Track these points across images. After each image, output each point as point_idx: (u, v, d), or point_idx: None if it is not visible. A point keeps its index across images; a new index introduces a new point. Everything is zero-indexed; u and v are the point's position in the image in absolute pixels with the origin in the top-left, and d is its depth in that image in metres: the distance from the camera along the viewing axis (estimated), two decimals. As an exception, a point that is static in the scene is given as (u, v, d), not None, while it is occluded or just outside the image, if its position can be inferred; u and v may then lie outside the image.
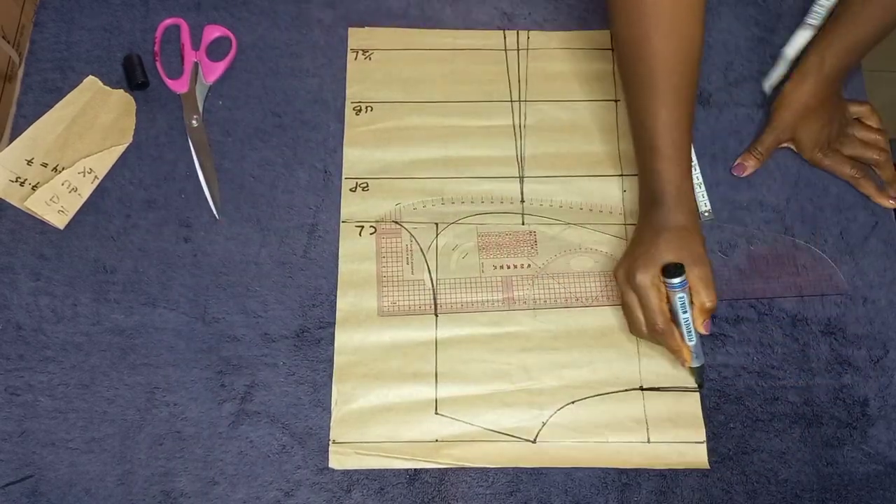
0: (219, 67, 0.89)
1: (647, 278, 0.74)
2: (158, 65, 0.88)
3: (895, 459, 0.78)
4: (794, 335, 0.81)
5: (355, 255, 0.83)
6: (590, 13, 0.93)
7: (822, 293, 0.83)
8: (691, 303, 0.74)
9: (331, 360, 0.79)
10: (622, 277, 0.76)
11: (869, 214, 0.86)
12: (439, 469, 0.75)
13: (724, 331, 0.81)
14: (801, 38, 0.88)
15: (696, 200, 0.77)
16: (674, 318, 0.74)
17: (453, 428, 0.77)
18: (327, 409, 0.77)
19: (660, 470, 0.76)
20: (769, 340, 0.81)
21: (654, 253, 0.74)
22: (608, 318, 0.81)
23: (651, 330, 0.75)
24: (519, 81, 0.90)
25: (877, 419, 0.79)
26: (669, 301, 0.74)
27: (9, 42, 0.89)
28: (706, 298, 0.74)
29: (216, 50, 0.90)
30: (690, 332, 0.74)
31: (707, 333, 0.75)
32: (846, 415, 0.79)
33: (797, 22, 0.92)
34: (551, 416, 0.77)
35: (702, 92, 0.91)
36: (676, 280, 0.72)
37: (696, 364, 0.76)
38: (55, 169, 0.83)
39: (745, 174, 0.87)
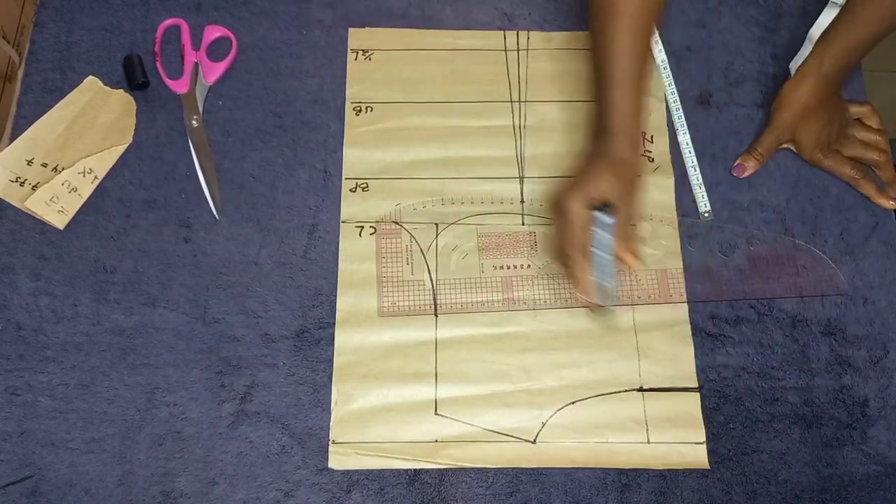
0: (219, 67, 0.89)
1: (573, 204, 0.74)
2: (158, 65, 0.88)
3: (895, 460, 0.78)
4: (794, 336, 0.81)
5: (355, 256, 0.83)
6: (590, 13, 0.94)
7: (823, 294, 0.83)
8: (615, 236, 0.75)
9: (331, 361, 0.79)
10: (553, 200, 0.77)
11: (869, 215, 0.86)
12: (439, 469, 0.75)
13: (724, 331, 0.81)
14: (826, 17, 0.87)
15: (641, 137, 0.79)
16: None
17: (453, 428, 0.77)
18: (327, 410, 0.77)
19: (660, 471, 0.76)
20: (769, 341, 0.81)
21: (587, 181, 0.75)
22: (608, 318, 0.81)
23: (562, 255, 0.77)
24: (519, 82, 0.90)
25: (877, 420, 0.79)
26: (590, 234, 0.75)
27: (9, 42, 0.89)
28: (631, 231, 0.76)
29: (216, 50, 0.90)
30: (602, 269, 0.75)
31: (637, 263, 0.76)
32: (846, 415, 0.79)
33: (797, 22, 0.93)
34: (551, 417, 0.77)
35: (701, 92, 0.91)
36: (601, 214, 0.73)
37: (603, 301, 0.77)
38: (55, 169, 0.83)
39: (744, 175, 0.87)
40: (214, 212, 0.83)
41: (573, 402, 0.78)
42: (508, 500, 0.75)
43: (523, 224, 0.84)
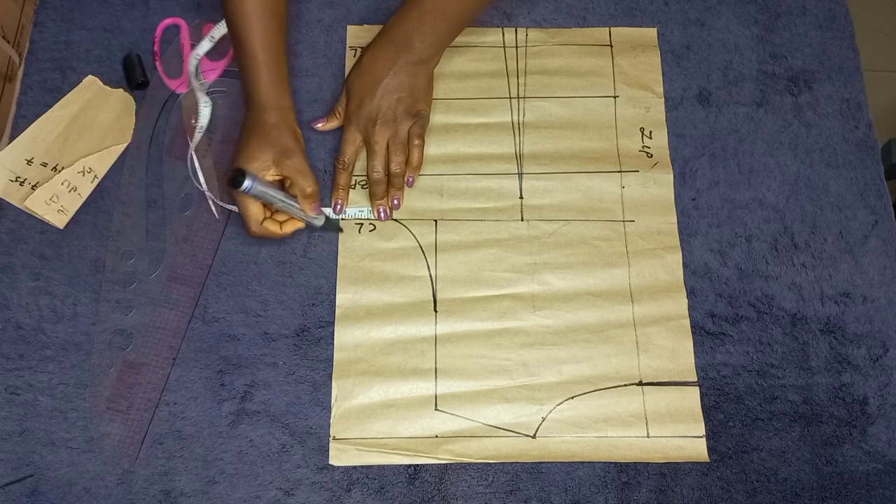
0: (219, 67, 0.89)
1: (235, 193, 0.77)
2: (158, 64, 0.88)
3: (894, 458, 0.78)
4: (793, 334, 0.81)
5: (355, 253, 0.83)
6: (589, 12, 0.93)
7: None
8: (291, 193, 0.79)
9: (330, 360, 0.79)
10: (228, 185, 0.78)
11: (868, 213, 0.86)
12: (439, 468, 0.76)
13: (724, 330, 0.81)
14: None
15: (289, 102, 0.82)
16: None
17: (453, 424, 0.77)
18: (327, 408, 0.77)
19: (659, 468, 0.76)
20: (769, 339, 0.81)
21: (244, 157, 0.78)
22: (607, 313, 0.81)
23: (251, 234, 0.79)
24: (518, 78, 0.90)
25: (876, 418, 0.79)
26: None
27: (9, 42, 0.89)
28: (305, 185, 0.78)
29: (216, 49, 0.90)
30: (295, 212, 0.79)
31: (317, 216, 0.80)
32: (846, 413, 0.79)
33: (796, 21, 0.93)
34: (551, 412, 0.78)
35: (701, 91, 0.91)
36: (241, 188, 0.74)
37: (319, 224, 0.81)
38: (55, 168, 0.83)
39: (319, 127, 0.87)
40: (214, 211, 0.83)
41: (573, 397, 0.78)
42: (508, 498, 0.75)
43: (522, 220, 0.84)
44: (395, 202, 0.84)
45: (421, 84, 0.84)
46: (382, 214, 0.84)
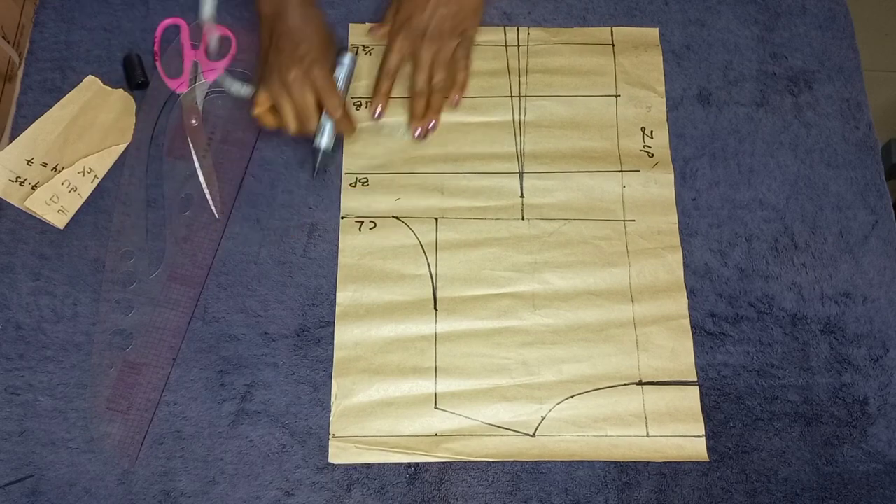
0: (219, 67, 0.89)
1: (299, 73, 0.80)
2: (158, 64, 0.88)
3: (895, 458, 0.77)
4: (793, 334, 0.81)
5: (355, 250, 0.83)
6: (589, 13, 0.93)
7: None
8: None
9: (330, 360, 0.79)
10: (275, 83, 0.80)
11: (869, 213, 0.86)
12: (439, 468, 0.75)
13: (724, 329, 0.81)
14: None
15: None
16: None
17: (453, 422, 0.77)
18: (327, 408, 0.77)
19: (659, 468, 0.76)
20: (769, 339, 0.81)
21: (264, 73, 0.81)
22: (607, 312, 0.81)
23: (304, 120, 0.81)
24: (519, 77, 0.90)
25: (876, 418, 0.79)
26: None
27: (9, 42, 0.89)
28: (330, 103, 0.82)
29: (216, 50, 0.90)
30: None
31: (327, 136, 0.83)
32: (846, 413, 0.79)
33: (796, 20, 0.93)
34: (550, 411, 0.77)
35: (701, 91, 0.91)
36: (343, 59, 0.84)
37: (326, 143, 0.85)
38: (55, 168, 0.83)
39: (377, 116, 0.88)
40: (214, 211, 0.83)
41: (572, 396, 0.78)
42: (509, 499, 0.75)
43: (523, 219, 0.84)
44: (431, 124, 0.85)
45: (470, 3, 0.85)
46: (419, 133, 0.85)
